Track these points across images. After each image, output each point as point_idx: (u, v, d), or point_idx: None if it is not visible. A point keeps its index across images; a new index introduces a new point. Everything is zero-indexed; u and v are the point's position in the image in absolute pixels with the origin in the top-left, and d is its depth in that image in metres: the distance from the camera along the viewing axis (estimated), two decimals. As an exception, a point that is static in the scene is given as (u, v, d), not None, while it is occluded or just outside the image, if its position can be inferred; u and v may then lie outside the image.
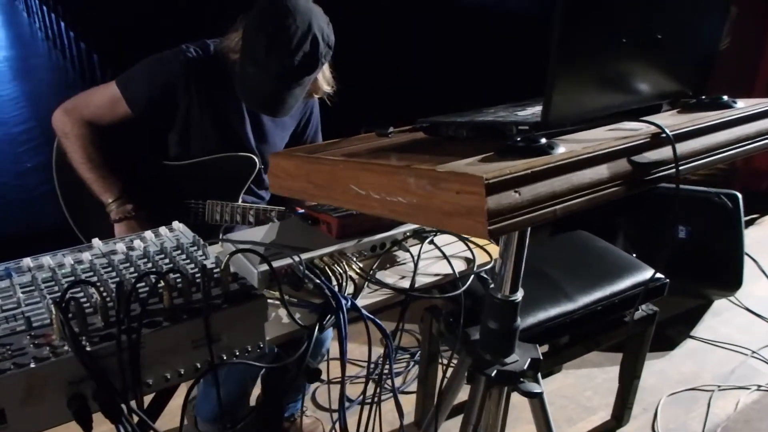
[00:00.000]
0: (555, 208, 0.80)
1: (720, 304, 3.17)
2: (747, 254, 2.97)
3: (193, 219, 1.84)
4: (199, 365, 1.03)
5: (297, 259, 1.29)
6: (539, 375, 1.31)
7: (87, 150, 1.73)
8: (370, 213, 0.92)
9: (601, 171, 0.85)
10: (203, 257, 1.21)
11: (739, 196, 2.79)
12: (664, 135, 0.91)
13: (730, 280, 2.93)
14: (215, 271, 1.15)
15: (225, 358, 1.06)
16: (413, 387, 2.46)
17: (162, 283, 1.01)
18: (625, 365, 2.32)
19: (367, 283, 1.34)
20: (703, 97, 1.10)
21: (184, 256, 1.21)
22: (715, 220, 2.82)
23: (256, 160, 1.82)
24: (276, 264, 1.28)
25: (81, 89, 1.82)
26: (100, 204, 1.75)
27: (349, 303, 1.23)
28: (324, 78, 1.76)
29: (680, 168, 0.93)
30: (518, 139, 0.86)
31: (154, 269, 1.16)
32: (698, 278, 2.92)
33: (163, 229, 1.32)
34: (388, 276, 1.39)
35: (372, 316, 1.25)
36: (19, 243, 3.11)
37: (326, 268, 1.32)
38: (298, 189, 1.07)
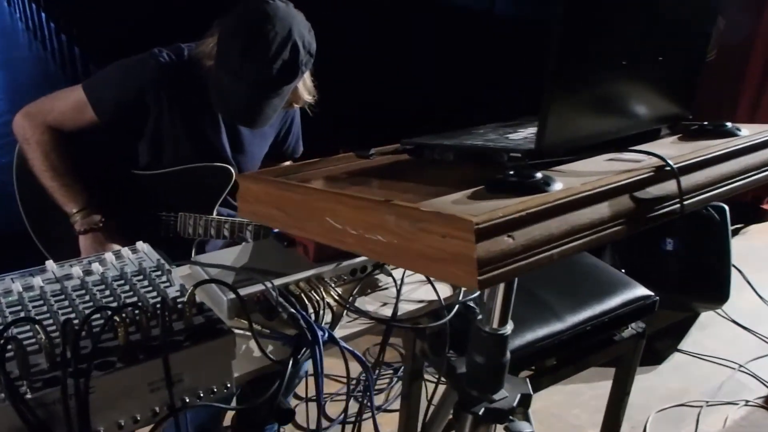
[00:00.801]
0: (552, 252, 0.72)
1: (706, 317, 3.12)
2: (733, 266, 2.93)
3: (165, 231, 1.75)
4: (157, 409, 0.94)
5: (270, 285, 1.21)
6: (529, 412, 1.23)
7: (49, 157, 1.63)
8: (346, 249, 0.83)
9: (602, 210, 0.77)
10: (166, 284, 1.12)
11: (726, 208, 2.75)
12: (668, 168, 0.84)
13: (718, 293, 2.88)
14: (179, 300, 1.06)
15: (187, 400, 0.97)
16: (397, 404, 2.38)
17: (117, 318, 0.92)
18: (615, 382, 2.26)
19: (346, 311, 1.25)
20: (706, 123, 1.03)
21: (145, 283, 1.12)
22: (702, 232, 2.78)
23: (233, 170, 1.73)
24: (247, 291, 1.19)
25: (62, 82, 1.72)
26: (63, 214, 1.65)
27: (326, 335, 1.15)
28: (305, 87, 1.67)
29: (685, 203, 0.85)
30: (511, 173, 0.78)
31: (111, 298, 1.07)
32: (685, 291, 2.87)
33: (125, 251, 1.23)
34: (368, 302, 1.31)
35: (351, 349, 1.17)
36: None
37: (302, 294, 1.24)
38: (268, 216, 0.98)
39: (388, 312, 1.27)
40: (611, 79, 0.93)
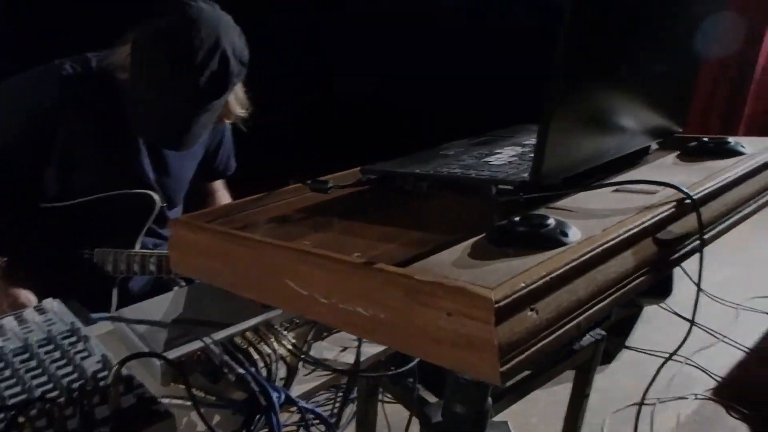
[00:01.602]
0: (579, 320, 0.59)
1: (650, 311, 3.11)
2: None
3: (81, 271, 1.52)
4: None
5: (210, 341, 1.03)
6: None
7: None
8: (317, 320, 0.67)
9: (627, 260, 0.64)
10: (84, 354, 0.92)
11: (669, 203, 2.74)
12: (688, 201, 0.72)
13: (661, 287, 2.87)
14: (101, 375, 0.87)
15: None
16: (352, 427, 2.22)
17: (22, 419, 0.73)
18: (575, 388, 2.19)
19: (301, 362, 1.09)
20: (706, 139, 0.92)
21: (57, 355, 0.92)
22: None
23: (156, 197, 1.52)
24: (184, 350, 1.01)
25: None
26: None
27: (283, 396, 0.98)
28: (237, 100, 1.48)
29: (705, 237, 0.73)
30: (517, 220, 0.64)
31: (13, 380, 0.86)
32: (631, 287, 2.84)
33: (30, 312, 1.01)
34: (326, 348, 1.15)
35: (312, 408, 1.01)
36: None
37: (250, 348, 1.06)
38: (210, 273, 0.80)
39: (349, 358, 1.11)
40: (609, 97, 0.81)
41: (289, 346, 1.09)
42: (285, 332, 1.11)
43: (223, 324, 1.07)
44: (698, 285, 0.77)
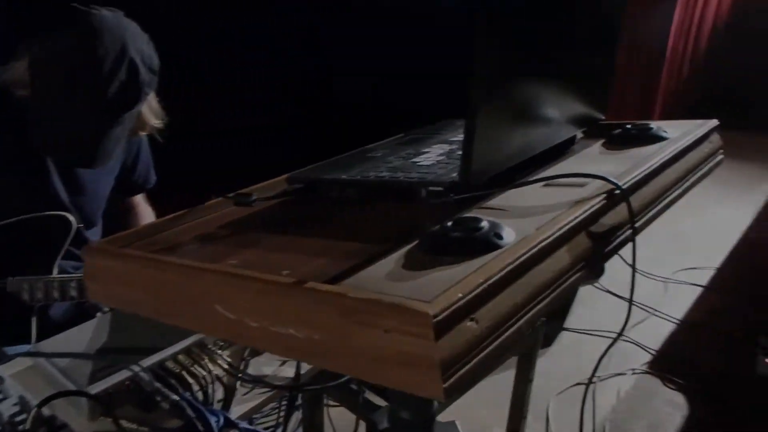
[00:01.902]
0: (519, 324, 0.57)
1: (585, 291, 3.19)
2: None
3: (-7, 301, 1.42)
4: None
5: (139, 368, 0.97)
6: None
7: None
8: (249, 345, 0.63)
9: (562, 257, 0.63)
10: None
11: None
12: (617, 191, 0.71)
13: (594, 267, 2.94)
14: (18, 419, 0.81)
15: None
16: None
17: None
18: (519, 374, 2.21)
19: (240, 382, 1.04)
20: (628, 126, 0.93)
21: (-29, 401, 0.85)
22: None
23: (71, 218, 1.43)
24: (112, 381, 0.95)
25: None
26: None
27: (222, 420, 0.94)
28: (151, 110, 1.41)
29: (636, 226, 0.73)
30: (450, 225, 0.62)
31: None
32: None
33: (-63, 357, 0.93)
34: (265, 364, 1.10)
35: (254, 429, 0.97)
36: None
37: (183, 371, 1.01)
38: (132, 301, 0.75)
39: (290, 371, 1.07)
40: (531, 90, 0.80)
41: (225, 366, 1.04)
42: (219, 351, 1.06)
43: (152, 349, 1.01)
44: (633, 269, 0.77)
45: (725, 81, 4.20)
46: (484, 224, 0.61)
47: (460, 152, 0.77)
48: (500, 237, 0.60)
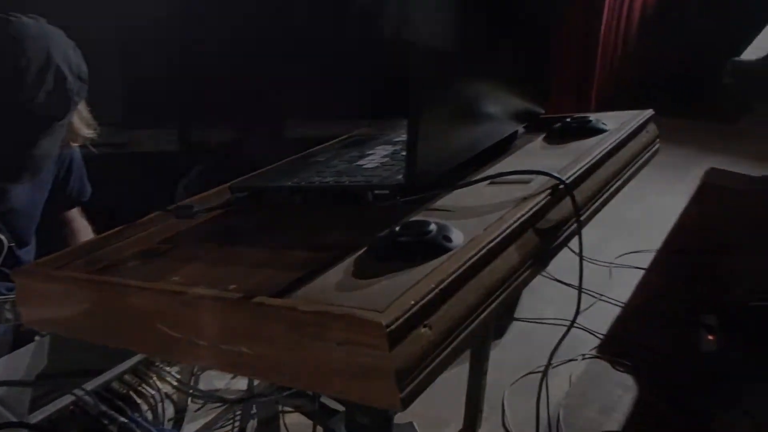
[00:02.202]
0: (472, 327, 0.57)
1: (533, 281, 3.22)
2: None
3: None
4: None
5: (83, 392, 0.93)
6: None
7: None
8: (198, 364, 0.61)
9: (511, 256, 0.63)
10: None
11: (540, 172, 2.85)
12: (561, 186, 0.72)
13: (540, 256, 2.99)
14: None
15: None
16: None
17: None
18: (473, 367, 2.23)
19: (191, 398, 1.01)
20: (568, 119, 0.94)
21: None
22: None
23: (2, 238, 1.37)
24: (54, 408, 0.90)
25: None
26: None
27: (173, 440, 0.91)
28: (82, 120, 1.35)
29: (581, 219, 0.74)
30: (398, 230, 0.61)
31: None
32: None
33: None
34: (216, 377, 1.07)
35: (208, 447, 0.94)
36: None
37: (130, 392, 0.97)
38: (70, 325, 0.72)
39: (243, 383, 1.05)
40: (471, 89, 0.80)
41: (174, 383, 1.01)
42: (168, 368, 1.03)
43: (96, 371, 0.97)
44: (580, 259, 0.78)
45: (656, 68, 4.34)
46: (433, 227, 0.60)
47: (404, 153, 0.76)
48: (449, 239, 0.59)
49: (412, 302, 0.50)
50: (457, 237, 0.61)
